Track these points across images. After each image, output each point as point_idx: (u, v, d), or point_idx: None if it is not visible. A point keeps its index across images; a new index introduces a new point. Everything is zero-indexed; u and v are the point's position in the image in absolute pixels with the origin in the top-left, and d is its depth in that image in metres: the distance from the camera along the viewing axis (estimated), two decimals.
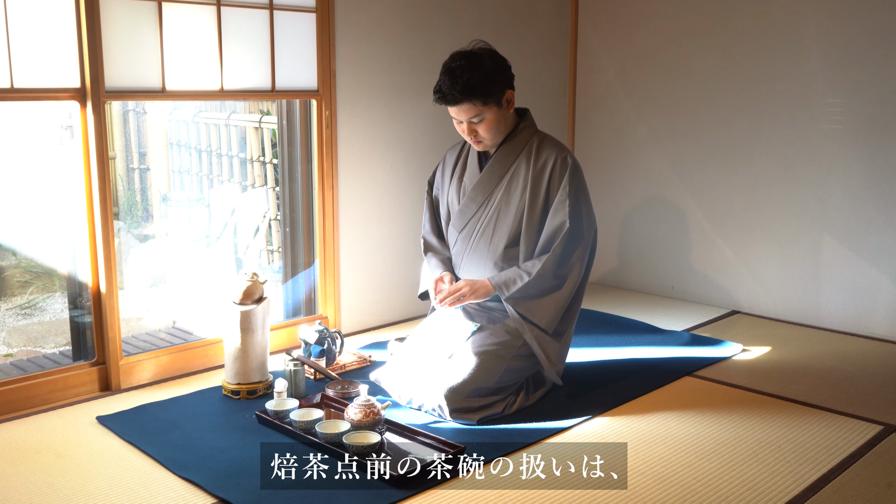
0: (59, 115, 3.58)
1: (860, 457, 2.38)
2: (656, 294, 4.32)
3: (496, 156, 2.82)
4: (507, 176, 2.81)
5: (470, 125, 2.72)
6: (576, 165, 2.76)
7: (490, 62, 2.68)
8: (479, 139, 2.76)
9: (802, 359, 3.29)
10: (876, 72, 3.47)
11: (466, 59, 2.66)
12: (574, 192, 2.72)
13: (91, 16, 2.74)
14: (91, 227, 2.88)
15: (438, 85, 2.67)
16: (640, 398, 2.84)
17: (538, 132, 2.85)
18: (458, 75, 2.62)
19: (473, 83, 2.62)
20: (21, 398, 2.75)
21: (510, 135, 2.81)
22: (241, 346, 2.79)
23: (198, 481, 2.19)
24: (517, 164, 2.80)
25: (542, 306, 2.70)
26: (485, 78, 2.64)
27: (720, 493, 2.16)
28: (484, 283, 2.74)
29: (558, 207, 2.71)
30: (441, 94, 2.66)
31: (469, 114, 2.68)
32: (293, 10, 3.28)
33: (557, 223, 2.71)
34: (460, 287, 2.73)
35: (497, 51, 2.76)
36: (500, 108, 2.71)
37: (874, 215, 3.54)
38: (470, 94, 2.63)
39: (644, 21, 4.20)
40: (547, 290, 2.71)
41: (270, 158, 4.81)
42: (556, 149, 2.78)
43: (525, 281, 2.67)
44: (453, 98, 2.64)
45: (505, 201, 2.80)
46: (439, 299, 2.74)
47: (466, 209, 2.87)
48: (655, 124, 4.22)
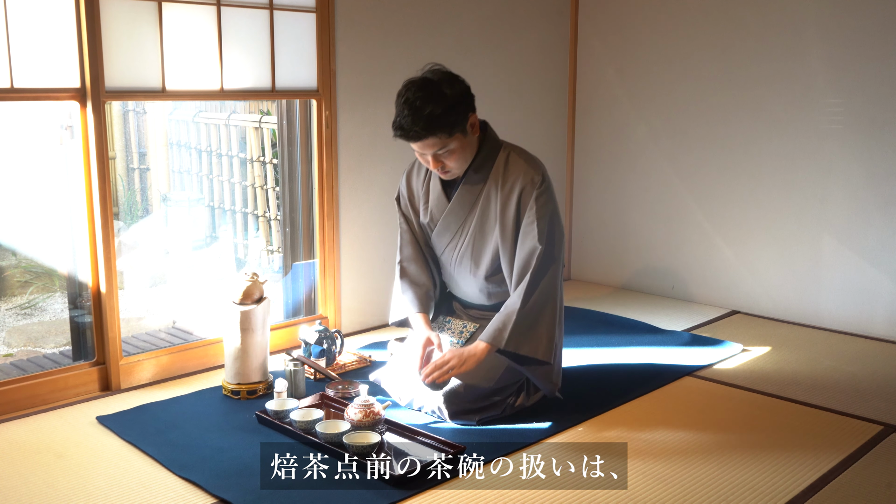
0: (59, 115, 3.58)
1: (860, 457, 2.38)
2: (656, 294, 4.32)
3: (464, 183, 2.65)
4: (478, 204, 2.66)
5: (436, 157, 2.54)
6: (543, 183, 2.58)
7: (450, 89, 2.47)
8: (447, 170, 2.59)
9: (802, 359, 3.29)
10: (876, 72, 3.47)
11: (424, 89, 2.45)
12: (543, 213, 2.55)
13: (91, 16, 2.74)
14: (91, 227, 2.88)
15: (398, 121, 2.46)
16: (640, 398, 2.84)
17: (503, 147, 2.68)
18: (418, 108, 2.42)
19: (436, 116, 2.42)
20: (21, 398, 2.75)
21: (475, 158, 2.63)
22: (241, 346, 2.79)
23: (198, 481, 2.19)
24: (487, 190, 2.64)
25: (537, 338, 2.53)
26: (447, 108, 2.44)
27: (720, 493, 2.16)
28: (473, 349, 2.52)
29: (527, 231, 2.56)
30: (402, 130, 2.45)
31: (434, 147, 2.49)
32: (293, 10, 3.28)
33: (529, 248, 2.55)
34: (447, 360, 2.51)
35: (453, 73, 2.55)
36: (466, 135, 2.53)
37: (874, 215, 3.54)
38: (434, 128, 2.43)
39: (644, 21, 4.20)
40: (535, 319, 2.54)
41: (270, 158, 4.81)
42: (522, 168, 2.61)
43: (514, 320, 2.49)
44: (416, 134, 2.44)
45: (479, 230, 2.67)
46: (424, 375, 2.51)
47: (440, 238, 2.77)
48: (655, 124, 4.22)
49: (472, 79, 3.97)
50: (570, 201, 4.62)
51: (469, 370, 2.51)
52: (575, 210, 4.62)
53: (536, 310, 2.55)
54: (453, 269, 2.82)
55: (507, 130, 4.26)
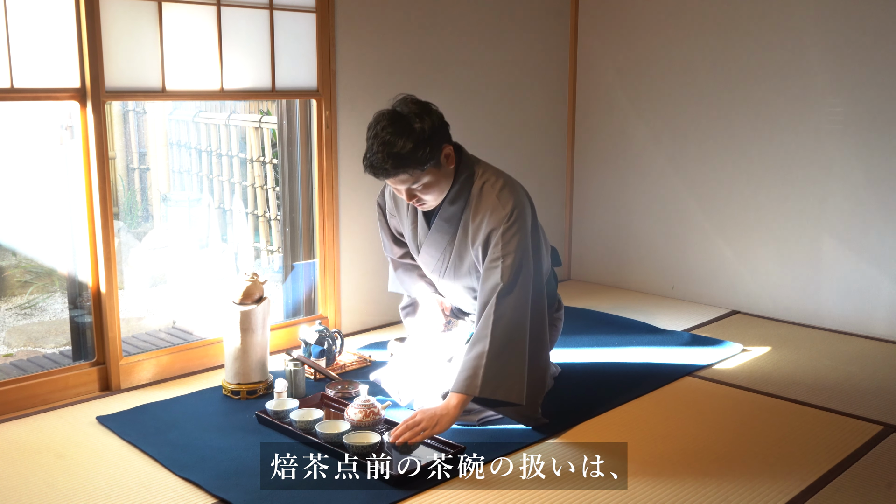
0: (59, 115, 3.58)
1: (860, 457, 2.38)
2: (656, 294, 4.32)
3: (440, 214, 2.58)
4: (457, 235, 2.59)
5: (410, 192, 2.47)
6: (514, 212, 2.46)
7: (420, 122, 2.37)
8: (423, 203, 2.52)
9: (802, 359, 3.29)
10: (876, 72, 3.47)
11: (394, 124, 2.36)
12: (508, 249, 2.44)
13: (91, 16, 2.74)
14: (91, 227, 2.88)
15: (368, 157, 2.38)
16: (640, 398, 2.84)
17: (479, 172, 2.56)
18: (388, 144, 2.34)
19: (405, 154, 2.33)
20: (21, 398, 2.75)
21: (451, 187, 2.53)
22: (241, 346, 2.79)
23: (198, 481, 2.19)
24: (463, 221, 2.57)
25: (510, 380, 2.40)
26: (418, 144, 2.34)
27: (720, 492, 2.16)
28: (445, 408, 2.37)
29: (490, 268, 2.46)
30: (373, 168, 2.38)
31: (407, 183, 2.42)
32: (293, 10, 3.28)
33: (491, 285, 2.44)
34: (418, 421, 2.32)
35: (426, 104, 2.45)
36: (440, 167, 2.44)
37: (874, 215, 3.54)
38: (405, 165, 2.35)
39: (644, 21, 4.20)
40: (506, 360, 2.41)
41: (270, 158, 4.81)
42: (492, 199, 2.50)
43: (484, 365, 2.37)
44: (386, 172, 2.37)
45: (458, 260, 2.63)
46: (392, 436, 2.30)
47: (426, 261, 2.74)
48: (655, 124, 4.22)
49: (472, 79, 4.01)
50: (570, 201, 4.62)
51: (442, 431, 2.34)
52: (575, 210, 4.62)
53: (506, 351, 2.42)
54: (442, 286, 2.81)
55: (508, 131, 4.28)
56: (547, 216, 4.50)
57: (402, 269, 2.93)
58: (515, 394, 2.41)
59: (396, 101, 2.46)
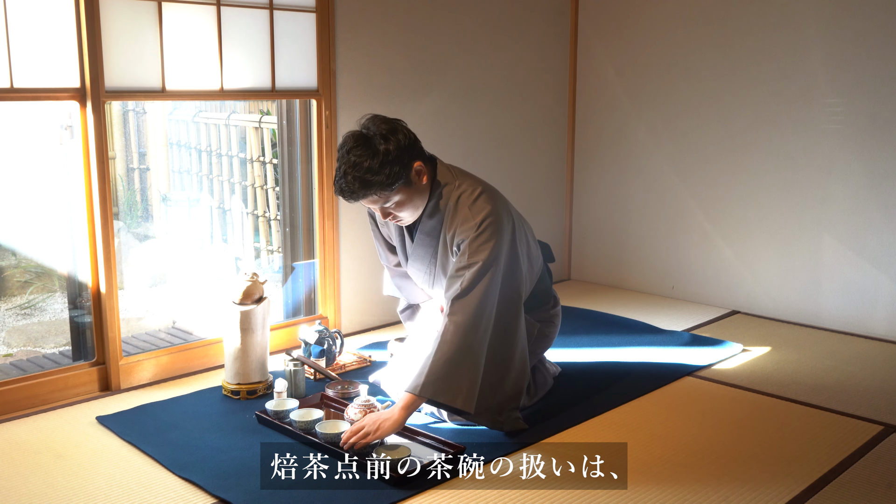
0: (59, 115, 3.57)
1: (860, 457, 2.38)
2: (656, 294, 4.32)
3: (420, 229, 2.60)
4: (438, 248, 2.60)
5: (384, 210, 2.48)
6: (486, 221, 2.43)
7: (385, 143, 2.37)
8: (399, 219, 2.54)
9: (802, 359, 3.29)
10: (876, 72, 3.47)
11: (362, 146, 2.37)
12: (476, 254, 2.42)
13: (91, 16, 2.74)
14: (91, 227, 2.88)
15: (338, 182, 2.39)
16: (640, 398, 2.84)
17: (455, 184, 2.54)
18: (354, 166, 2.34)
19: (370, 177, 2.34)
20: (21, 398, 2.75)
21: (429, 200, 2.54)
22: (241, 346, 2.79)
23: (198, 481, 2.19)
24: (442, 234, 2.57)
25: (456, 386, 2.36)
26: (383, 165, 2.35)
27: (720, 492, 2.16)
28: (390, 412, 2.35)
29: (454, 276, 2.44)
30: (342, 191, 2.39)
31: (378, 203, 2.44)
32: (293, 10, 3.28)
33: (451, 293, 2.43)
34: (362, 425, 2.31)
35: (394, 122, 2.44)
36: (411, 185, 2.44)
37: (874, 215, 3.54)
38: (372, 188, 2.36)
39: (644, 21, 4.20)
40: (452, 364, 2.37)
41: (270, 158, 4.81)
42: (465, 210, 2.48)
43: (428, 366, 2.35)
44: (354, 195, 2.39)
45: (443, 272, 2.61)
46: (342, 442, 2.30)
47: (415, 273, 2.74)
48: (655, 124, 4.22)
49: (472, 79, 4.01)
50: (570, 201, 4.62)
51: (386, 434, 2.32)
52: (575, 210, 4.62)
53: (457, 356, 2.37)
54: (433, 293, 2.81)
55: (508, 131, 4.28)
56: (547, 216, 4.50)
57: (399, 277, 2.94)
58: (461, 400, 2.36)
59: (364, 121, 2.45)
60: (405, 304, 3.02)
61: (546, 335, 2.83)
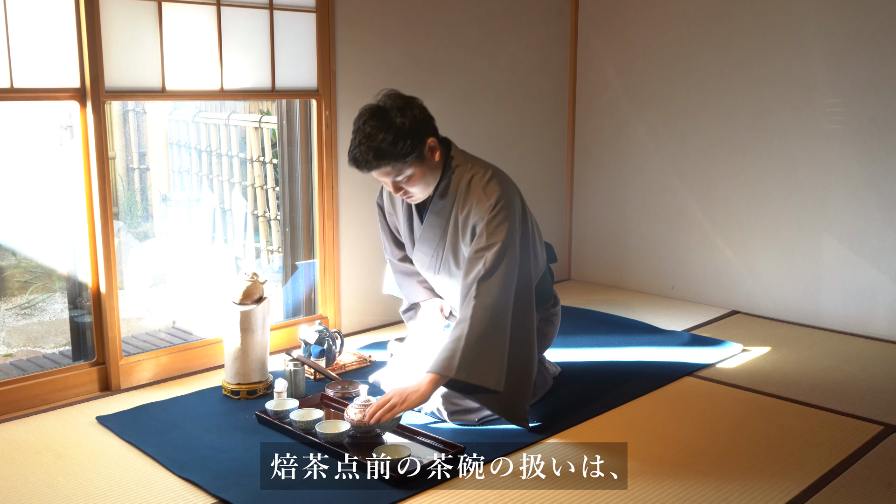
0: (59, 115, 3.58)
1: (860, 457, 2.38)
2: (656, 294, 4.32)
3: (431, 208, 2.62)
4: (448, 229, 2.62)
5: (396, 184, 2.51)
6: (500, 203, 2.49)
7: (401, 116, 2.42)
8: (409, 195, 2.56)
9: (802, 359, 3.29)
10: (876, 72, 3.47)
11: (377, 118, 2.43)
12: (493, 236, 2.46)
13: (91, 16, 2.74)
14: (91, 227, 2.88)
15: (351, 152, 2.45)
16: (640, 398, 2.84)
17: (468, 166, 2.59)
18: (369, 137, 2.40)
19: (385, 147, 2.39)
20: (21, 398, 2.75)
21: (441, 180, 2.58)
22: (241, 346, 2.79)
23: (198, 481, 2.19)
24: (453, 215, 2.60)
25: (488, 367, 2.42)
26: (398, 138, 2.40)
27: (720, 492, 2.16)
28: (417, 386, 2.40)
29: (473, 258, 2.48)
30: (355, 161, 2.44)
31: (390, 176, 2.47)
32: (293, 10, 3.28)
33: (473, 274, 2.46)
34: (389, 399, 2.39)
35: (410, 98, 2.50)
36: (423, 160, 2.48)
37: (874, 215, 3.54)
38: (385, 157, 2.40)
39: (644, 21, 4.20)
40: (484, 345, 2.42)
41: (270, 158, 4.81)
42: (479, 190, 2.53)
43: (461, 348, 2.39)
44: (368, 165, 2.42)
45: (452, 254, 2.64)
46: (367, 417, 2.36)
47: (421, 258, 2.74)
48: (655, 124, 4.22)
49: (472, 79, 4.01)
50: (570, 201, 4.62)
51: (411, 407, 2.38)
52: (575, 210, 4.62)
53: (486, 336, 2.42)
54: (437, 284, 2.82)
55: (508, 131, 4.27)
56: (547, 216, 4.50)
57: (401, 274, 2.95)
58: (493, 380, 2.42)
59: (381, 96, 2.51)
60: (408, 303, 3.02)
61: (545, 334, 2.83)
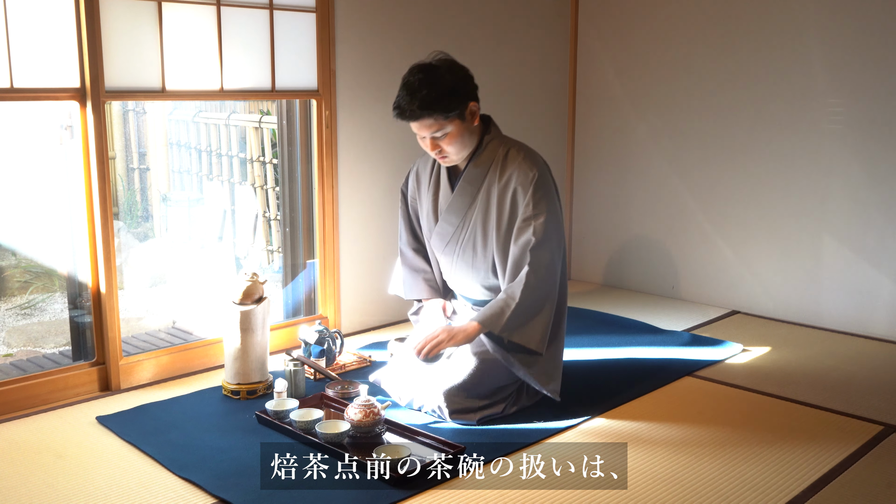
0: (59, 115, 3.58)
1: (860, 457, 2.38)
2: (656, 294, 4.32)
3: (465, 175, 2.71)
4: (479, 196, 2.71)
5: (433, 141, 2.60)
6: (541, 176, 2.62)
7: (449, 74, 2.57)
8: (444, 154, 2.65)
9: (802, 359, 3.29)
10: (876, 72, 3.47)
11: (425, 72, 2.56)
12: (539, 209, 2.59)
13: (91, 16, 2.74)
14: (91, 227, 2.88)
15: (397, 100, 2.57)
16: (640, 398, 2.84)
17: (504, 141, 2.74)
18: (416, 89, 2.52)
19: (432, 97, 2.51)
20: (21, 398, 2.75)
21: (477, 149, 2.70)
22: (241, 346, 2.79)
23: (198, 481, 2.19)
24: (488, 182, 2.70)
25: (535, 328, 2.57)
26: (444, 92, 2.53)
27: (720, 493, 2.16)
28: (465, 327, 2.58)
29: (522, 226, 2.60)
30: (400, 109, 2.56)
31: (430, 129, 2.57)
32: (293, 10, 3.28)
33: (524, 241, 2.58)
34: (437, 335, 2.59)
35: (457, 62, 2.64)
36: (464, 120, 2.60)
37: (874, 215, 3.54)
38: (429, 109, 2.52)
39: (644, 21, 4.20)
40: (532, 310, 2.57)
41: (270, 158, 4.81)
42: (518, 160, 2.66)
43: (512, 309, 2.53)
44: (412, 114, 2.54)
45: (481, 223, 2.71)
46: (416, 351, 2.60)
47: (443, 231, 2.80)
48: (655, 124, 4.22)
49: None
50: (570, 201, 4.62)
51: (457, 344, 2.58)
52: (575, 210, 4.62)
53: (536, 304, 2.58)
54: (454, 266, 2.83)
55: (508, 131, 4.26)
56: None
57: (409, 268, 2.99)
58: (535, 342, 2.55)
59: (432, 56, 2.64)
60: (417, 306, 3.04)
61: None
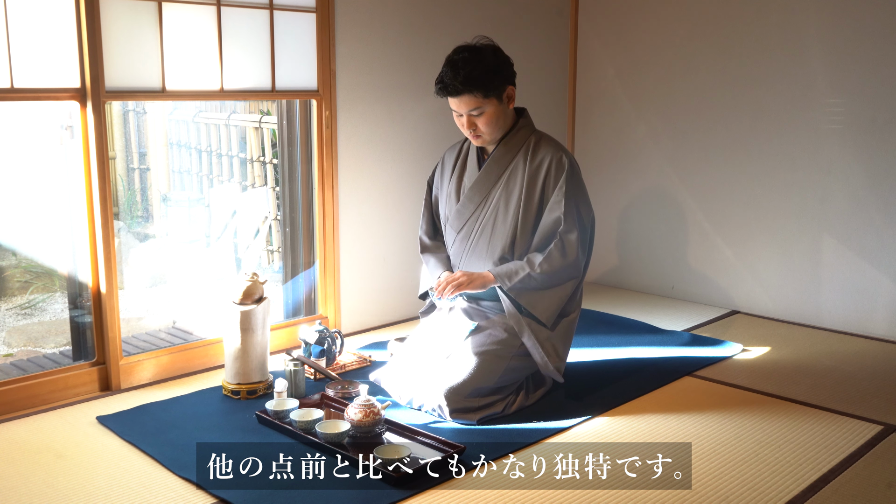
0: (59, 115, 3.58)
1: (860, 457, 2.38)
2: (656, 294, 4.32)
3: (494, 154, 2.83)
4: (505, 175, 2.82)
5: (470, 118, 2.73)
6: (572, 165, 2.78)
7: (493, 57, 2.72)
8: (478, 133, 2.77)
9: (802, 359, 3.29)
10: (876, 72, 3.47)
11: (470, 52, 2.70)
12: (570, 192, 2.73)
13: (91, 16, 2.74)
14: (91, 227, 2.88)
15: (441, 76, 2.71)
16: (640, 398, 2.84)
17: (536, 131, 2.87)
18: (460, 67, 2.66)
19: (475, 75, 2.65)
20: (21, 398, 2.75)
21: (509, 132, 2.82)
22: (241, 346, 2.79)
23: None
24: (515, 163, 2.81)
25: (544, 299, 2.72)
26: (486, 71, 2.67)
27: (720, 493, 2.16)
28: (482, 273, 2.74)
29: (553, 207, 2.74)
30: (443, 84, 2.70)
31: (469, 106, 2.70)
32: (293, 10, 3.28)
33: (552, 219, 2.73)
34: (457, 276, 2.74)
35: (500, 48, 2.78)
36: (501, 102, 2.73)
37: (874, 215, 3.54)
38: (471, 86, 2.66)
39: (644, 21, 4.20)
40: (548, 283, 2.72)
41: (270, 158, 4.81)
42: (552, 148, 2.80)
43: (526, 272, 2.68)
44: (454, 89, 2.67)
45: (504, 201, 2.81)
46: (437, 290, 2.75)
47: (464, 209, 2.88)
48: (655, 124, 4.22)
49: None
50: None
51: (475, 288, 2.72)
52: None
53: (553, 277, 2.71)
54: (467, 250, 2.87)
55: None
56: None
57: (428, 254, 3.04)
58: (540, 311, 2.70)
59: (475, 40, 2.78)
60: (426, 306, 3.07)
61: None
